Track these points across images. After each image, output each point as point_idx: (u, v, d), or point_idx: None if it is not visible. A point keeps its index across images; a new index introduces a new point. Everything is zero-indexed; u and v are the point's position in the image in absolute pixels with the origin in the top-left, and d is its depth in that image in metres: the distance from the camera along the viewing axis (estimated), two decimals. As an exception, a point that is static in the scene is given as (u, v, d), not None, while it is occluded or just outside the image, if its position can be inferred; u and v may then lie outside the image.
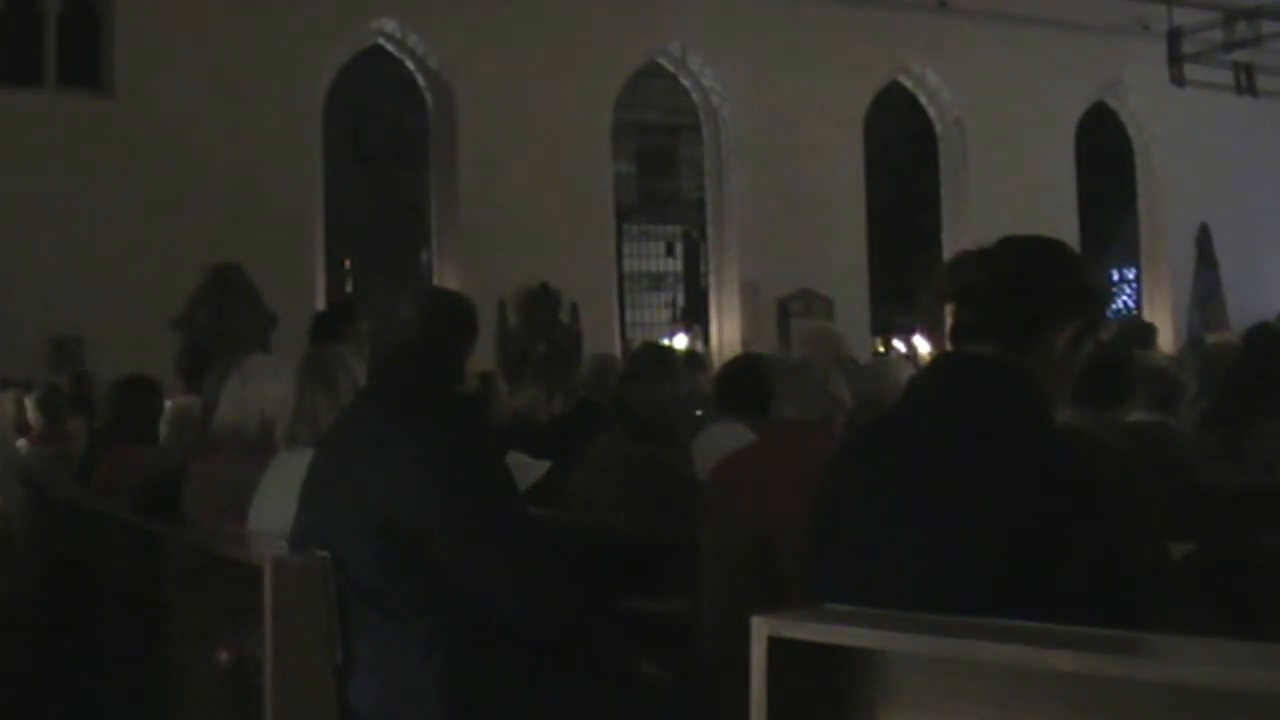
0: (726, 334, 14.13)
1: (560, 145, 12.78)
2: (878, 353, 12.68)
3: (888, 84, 15.06)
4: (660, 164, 14.70)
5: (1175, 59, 13.44)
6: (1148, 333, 8.47)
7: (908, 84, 15.29)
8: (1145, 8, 14.13)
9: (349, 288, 12.83)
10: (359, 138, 13.26)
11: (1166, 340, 13.95)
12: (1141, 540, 1.89)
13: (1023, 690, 1.48)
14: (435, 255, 13.22)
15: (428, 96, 13.08)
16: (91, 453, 5.26)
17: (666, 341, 13.02)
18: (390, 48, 12.96)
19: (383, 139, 13.43)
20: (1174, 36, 13.42)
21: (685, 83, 14.32)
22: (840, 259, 14.10)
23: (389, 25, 12.75)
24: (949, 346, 2.02)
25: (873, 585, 1.83)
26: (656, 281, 14.73)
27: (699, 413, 4.85)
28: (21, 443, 5.95)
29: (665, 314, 14.74)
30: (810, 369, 3.89)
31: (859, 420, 3.93)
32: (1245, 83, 13.88)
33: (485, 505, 2.66)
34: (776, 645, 1.62)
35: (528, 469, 3.40)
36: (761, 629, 1.63)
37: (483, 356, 7.30)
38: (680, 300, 14.79)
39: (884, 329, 14.28)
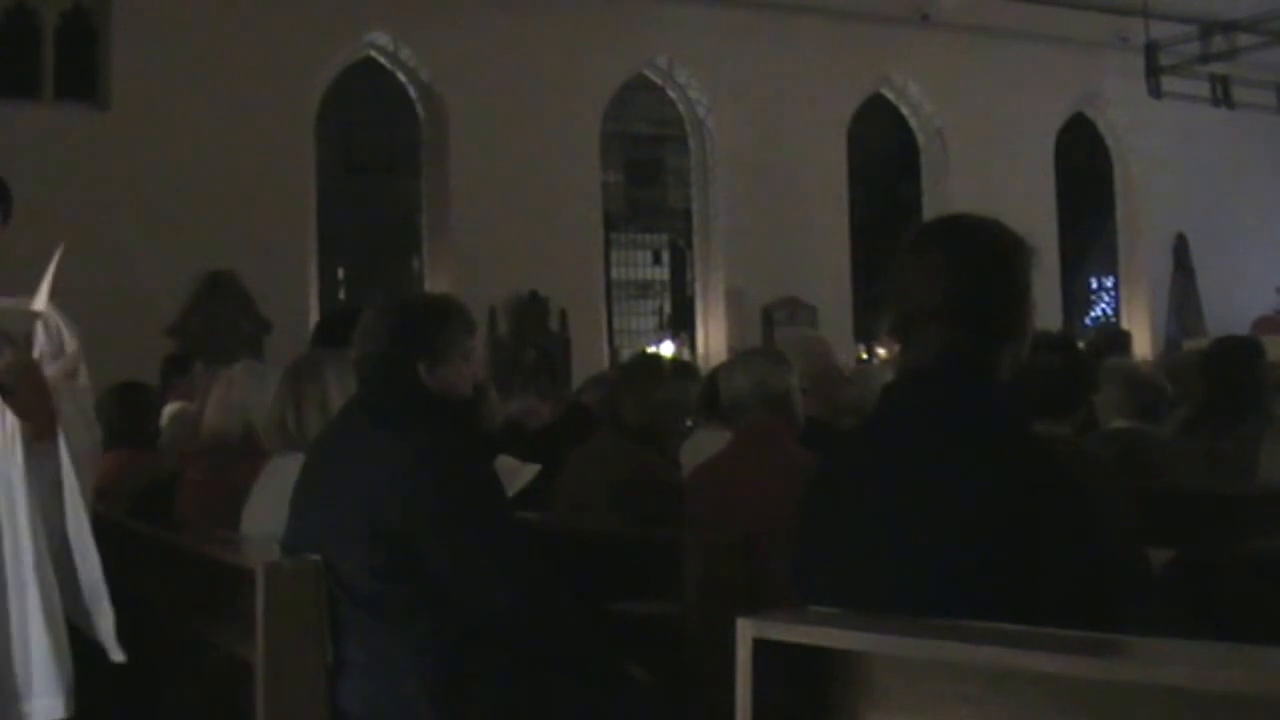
0: (712, 341, 14.21)
1: (549, 155, 12.87)
2: (861, 360, 12.81)
3: (870, 96, 15.18)
4: (647, 174, 14.79)
5: (1153, 72, 13.59)
6: (1122, 339, 8.59)
7: (890, 96, 15.38)
8: (1123, 21, 14.28)
9: (341, 295, 12.91)
10: (351, 148, 13.32)
11: (1144, 347, 14.13)
12: (1117, 544, 1.95)
13: (1003, 691, 1.50)
14: (426, 263, 13.31)
15: (419, 108, 13.15)
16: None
17: (653, 349, 13.18)
18: (382, 60, 13.02)
19: (375, 149, 13.50)
20: (1151, 49, 13.57)
21: (672, 95, 14.40)
22: (824, 267, 14.20)
23: (381, 38, 12.83)
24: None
25: (855, 588, 1.85)
26: (644, 289, 14.81)
27: (689, 423, 4.95)
28: None
29: (652, 321, 14.83)
30: (728, 367, 3.98)
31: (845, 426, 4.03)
32: (1221, 95, 14.02)
33: (473, 509, 2.68)
34: (761, 647, 1.67)
35: (517, 473, 3.45)
36: (747, 631, 1.67)
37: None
38: (667, 308, 14.88)
39: (867, 336, 14.40)
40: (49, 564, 2.79)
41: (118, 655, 2.88)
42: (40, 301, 2.88)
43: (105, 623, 2.86)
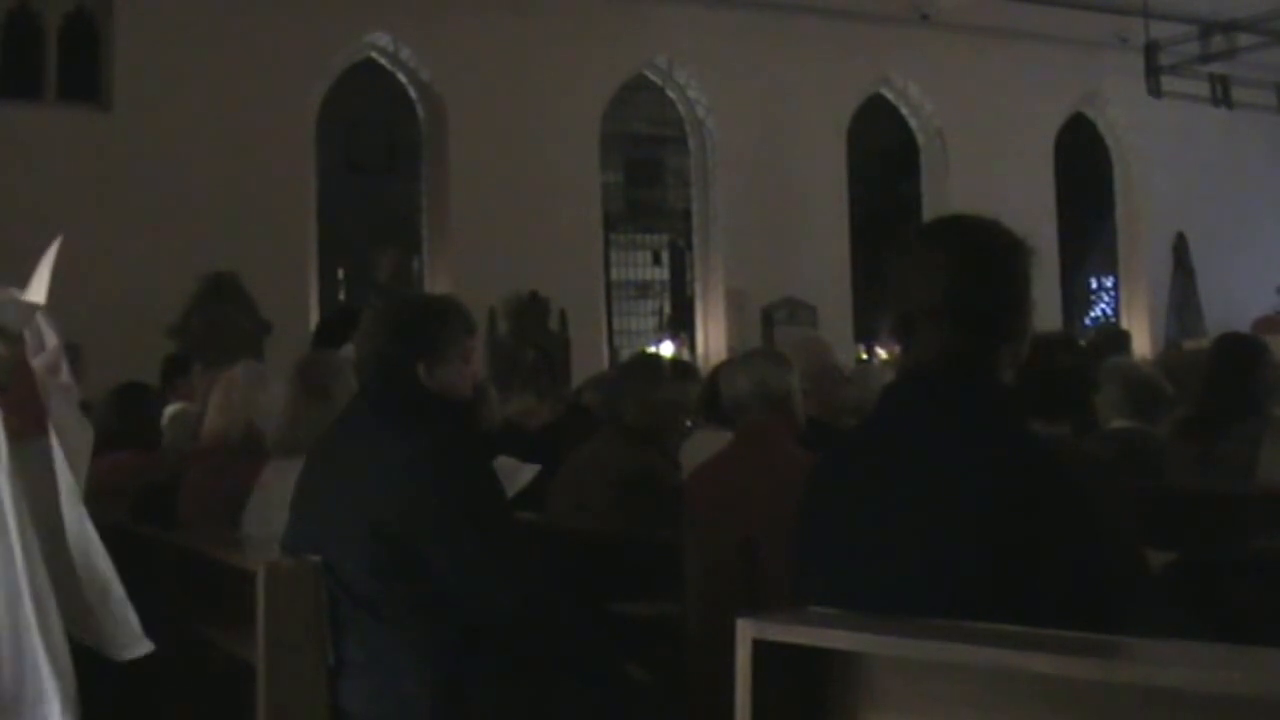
0: (712, 342, 14.21)
1: (549, 156, 12.88)
2: (861, 360, 12.82)
3: (870, 96, 15.17)
4: (647, 174, 14.79)
5: (1152, 71, 13.58)
6: (1122, 339, 8.59)
7: (890, 96, 15.37)
8: (1123, 21, 14.28)
9: (341, 295, 12.91)
10: (352, 149, 13.33)
11: (1144, 347, 14.13)
12: (1116, 545, 1.90)
13: (1002, 692, 1.50)
14: (426, 264, 13.32)
15: (419, 108, 13.16)
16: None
17: (653, 349, 13.18)
18: (383, 61, 13.03)
19: (375, 149, 13.52)
20: (1151, 49, 13.56)
21: (672, 95, 14.41)
22: (824, 267, 14.20)
23: (382, 39, 12.84)
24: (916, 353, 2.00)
25: (855, 588, 1.85)
26: (643, 290, 14.80)
27: (689, 423, 4.95)
28: None
29: (652, 322, 14.83)
30: (729, 367, 3.99)
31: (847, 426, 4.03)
32: (1221, 95, 14.00)
33: (473, 509, 2.69)
34: (761, 647, 1.66)
35: (516, 473, 3.43)
36: (746, 631, 1.67)
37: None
38: (666, 308, 14.89)
39: (867, 336, 14.40)
40: (42, 568, 2.68)
41: (142, 649, 2.85)
42: (40, 294, 2.86)
43: (119, 621, 2.83)
